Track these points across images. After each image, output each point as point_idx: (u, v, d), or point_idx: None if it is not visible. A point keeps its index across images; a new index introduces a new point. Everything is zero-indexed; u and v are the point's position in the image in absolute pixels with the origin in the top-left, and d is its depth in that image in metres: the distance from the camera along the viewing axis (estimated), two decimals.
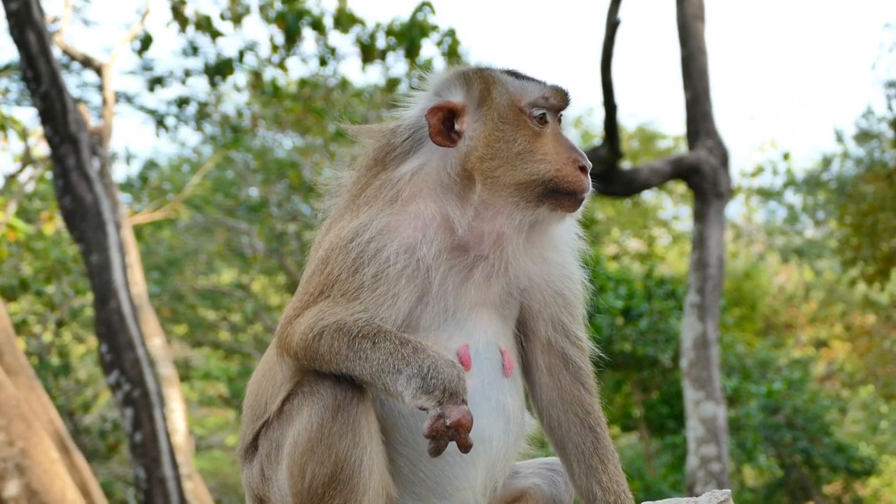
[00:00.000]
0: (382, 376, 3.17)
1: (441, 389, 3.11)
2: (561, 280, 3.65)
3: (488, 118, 3.49)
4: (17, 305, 20.96)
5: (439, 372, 3.13)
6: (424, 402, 3.11)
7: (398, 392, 3.16)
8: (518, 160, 3.45)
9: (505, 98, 3.53)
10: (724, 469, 13.14)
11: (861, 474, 23.41)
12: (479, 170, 3.45)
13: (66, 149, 11.61)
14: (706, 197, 13.82)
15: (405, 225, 3.42)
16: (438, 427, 3.07)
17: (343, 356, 3.22)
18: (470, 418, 3.09)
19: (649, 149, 36.30)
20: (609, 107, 13.49)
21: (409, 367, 3.15)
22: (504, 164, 3.45)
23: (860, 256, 20.54)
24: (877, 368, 27.69)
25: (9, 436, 7.53)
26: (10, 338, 9.13)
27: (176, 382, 16.25)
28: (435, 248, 3.42)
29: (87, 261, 12.01)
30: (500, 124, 3.49)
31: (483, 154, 3.46)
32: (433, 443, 3.09)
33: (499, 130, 3.48)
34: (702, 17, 14.26)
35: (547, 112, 3.53)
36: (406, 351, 3.18)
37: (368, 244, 3.37)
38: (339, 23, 15.80)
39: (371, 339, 3.22)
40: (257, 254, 24.76)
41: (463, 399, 3.12)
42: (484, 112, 3.50)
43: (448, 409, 3.09)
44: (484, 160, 3.45)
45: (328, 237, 3.49)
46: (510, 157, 3.45)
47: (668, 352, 20.07)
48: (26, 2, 11.23)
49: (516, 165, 3.45)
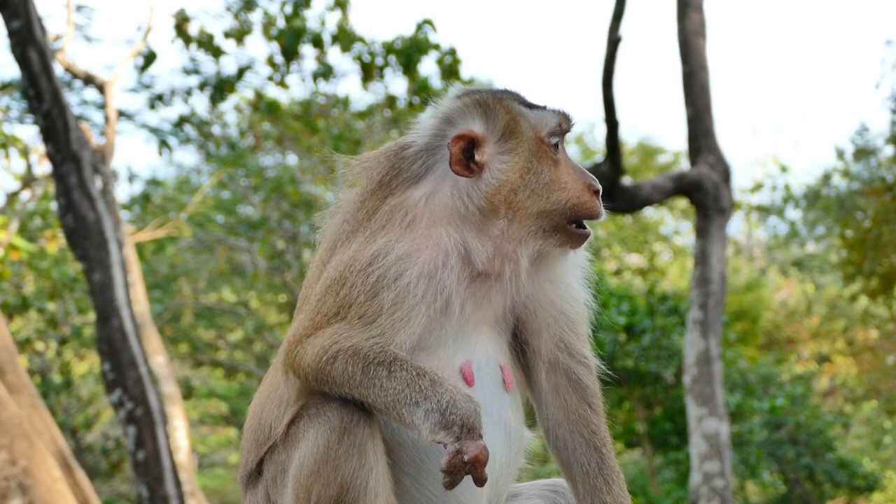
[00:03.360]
0: (398, 406, 3.16)
1: (459, 426, 3.11)
2: (565, 300, 3.65)
3: (520, 151, 3.51)
4: (20, 323, 20.96)
5: (458, 408, 3.12)
6: (443, 438, 3.11)
7: (415, 424, 3.15)
8: (545, 191, 3.49)
9: (530, 131, 3.55)
10: (727, 485, 13.10)
11: (864, 490, 23.33)
12: (511, 203, 3.47)
13: (68, 167, 11.61)
14: (708, 213, 13.81)
15: (426, 252, 3.41)
16: (457, 463, 3.07)
17: (357, 382, 3.21)
18: (487, 453, 3.10)
19: (649, 164, 36.34)
20: (611, 123, 13.50)
21: (428, 402, 3.14)
22: (533, 196, 3.48)
23: (862, 272, 20.51)
24: (880, 384, 27.64)
25: (11, 454, 7.52)
26: (13, 356, 9.13)
27: (179, 400, 16.25)
28: (455, 277, 3.42)
29: (89, 279, 12.00)
30: (531, 157, 3.52)
31: (516, 187, 3.47)
32: (449, 477, 3.09)
33: (530, 163, 3.51)
34: (703, 34, 14.26)
35: (559, 139, 3.57)
36: (424, 384, 3.17)
37: (389, 269, 3.35)
38: (339, 40, 15.83)
39: (387, 368, 3.21)
40: (259, 271, 24.77)
41: (479, 434, 3.12)
42: (514, 145, 3.51)
43: (466, 444, 3.09)
44: (517, 193, 3.47)
45: (340, 258, 3.46)
46: (539, 189, 3.49)
47: (671, 368, 20.03)
48: (28, 20, 11.25)
49: (543, 196, 3.48)
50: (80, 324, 21.91)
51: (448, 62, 15.52)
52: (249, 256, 25.08)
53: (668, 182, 14.43)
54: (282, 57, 16.21)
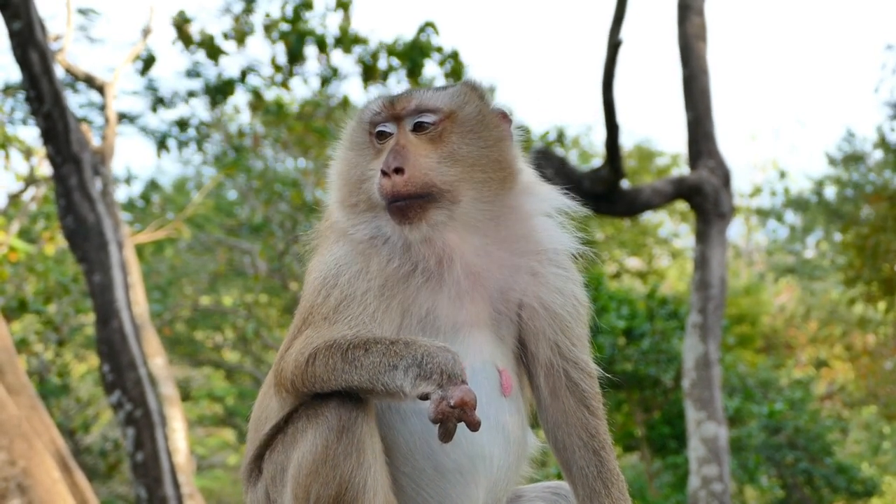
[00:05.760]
0: (380, 377, 3.18)
1: (439, 372, 3.11)
2: (552, 295, 3.62)
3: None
4: (19, 324, 20.95)
5: (433, 357, 3.14)
6: (425, 388, 3.11)
7: (398, 386, 3.16)
8: (360, 182, 3.54)
9: (355, 121, 3.63)
10: (725, 489, 13.10)
11: (863, 495, 23.32)
12: (337, 198, 3.61)
13: (68, 168, 11.60)
14: (708, 217, 13.80)
15: (360, 250, 3.49)
16: (443, 409, 3.06)
17: (340, 369, 3.23)
18: (473, 395, 3.07)
19: (647, 167, 36.31)
20: (611, 127, 13.48)
21: (404, 360, 3.16)
22: (344, 189, 3.59)
23: (861, 277, 20.54)
24: (878, 389, 27.66)
25: (10, 455, 7.52)
26: (12, 357, 9.12)
27: (177, 402, 16.24)
28: (390, 268, 3.47)
29: (89, 280, 11.99)
30: (346, 152, 3.61)
31: (335, 183, 3.63)
32: (441, 427, 3.07)
33: (345, 156, 3.62)
34: (704, 38, 14.25)
35: (389, 125, 3.54)
36: (398, 347, 3.20)
37: (330, 272, 3.46)
38: (341, 42, 15.83)
39: (363, 347, 3.24)
40: (259, 273, 24.75)
41: (462, 379, 3.12)
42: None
43: (449, 390, 3.08)
44: (338, 189, 3.60)
45: (308, 271, 3.63)
46: (350, 183, 3.57)
47: (670, 372, 20.03)
48: (29, 21, 11.25)
49: (354, 189, 3.55)
50: (78, 325, 21.91)
51: (450, 65, 15.50)
52: (250, 258, 25.07)
53: (667, 186, 14.42)
54: (285, 59, 16.21)
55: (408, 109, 3.51)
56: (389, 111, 3.52)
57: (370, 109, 3.57)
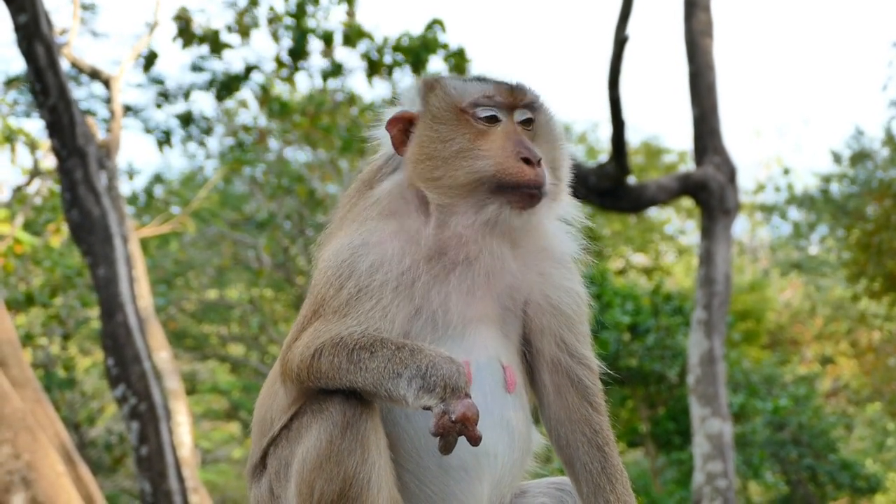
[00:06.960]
0: (384, 383, 3.17)
1: (442, 386, 3.10)
2: (558, 294, 3.62)
3: (424, 121, 3.47)
4: (24, 318, 20.98)
5: (438, 369, 3.12)
6: (427, 401, 3.10)
7: (401, 395, 3.15)
8: (456, 159, 3.39)
9: (442, 100, 3.48)
10: (730, 485, 13.10)
11: (867, 491, 23.30)
12: (417, 173, 3.44)
13: (73, 162, 11.60)
14: (713, 213, 13.79)
15: (378, 240, 3.43)
16: (445, 423, 3.05)
17: (344, 369, 3.22)
18: (475, 410, 3.07)
19: (654, 164, 36.31)
20: (617, 123, 13.47)
21: (408, 370, 3.14)
22: (442, 165, 3.40)
23: (865, 274, 20.54)
24: (883, 386, 27.65)
25: (15, 448, 7.53)
26: (17, 350, 9.14)
27: (182, 396, 16.25)
28: (408, 260, 3.42)
29: (94, 274, 12.00)
30: (433, 125, 3.45)
31: (416, 156, 3.45)
32: (442, 440, 3.07)
33: (432, 131, 3.45)
34: (710, 34, 14.22)
35: (498, 111, 3.47)
36: (403, 355, 3.18)
37: (345, 262, 3.39)
38: (347, 38, 15.81)
39: (369, 349, 3.22)
40: (264, 268, 24.77)
41: (466, 393, 3.11)
42: (436, 119, 3.47)
43: (452, 404, 3.07)
44: (418, 162, 3.44)
45: (319, 259, 3.54)
46: (447, 157, 3.40)
47: (675, 368, 20.04)
48: (35, 15, 11.25)
49: (454, 164, 3.39)
50: (84, 318, 21.94)
51: (454, 62, 15.47)
52: (255, 252, 25.10)
53: (673, 182, 14.42)
54: (289, 56, 16.19)
55: (524, 101, 3.51)
56: (507, 99, 3.49)
57: (476, 91, 3.49)
